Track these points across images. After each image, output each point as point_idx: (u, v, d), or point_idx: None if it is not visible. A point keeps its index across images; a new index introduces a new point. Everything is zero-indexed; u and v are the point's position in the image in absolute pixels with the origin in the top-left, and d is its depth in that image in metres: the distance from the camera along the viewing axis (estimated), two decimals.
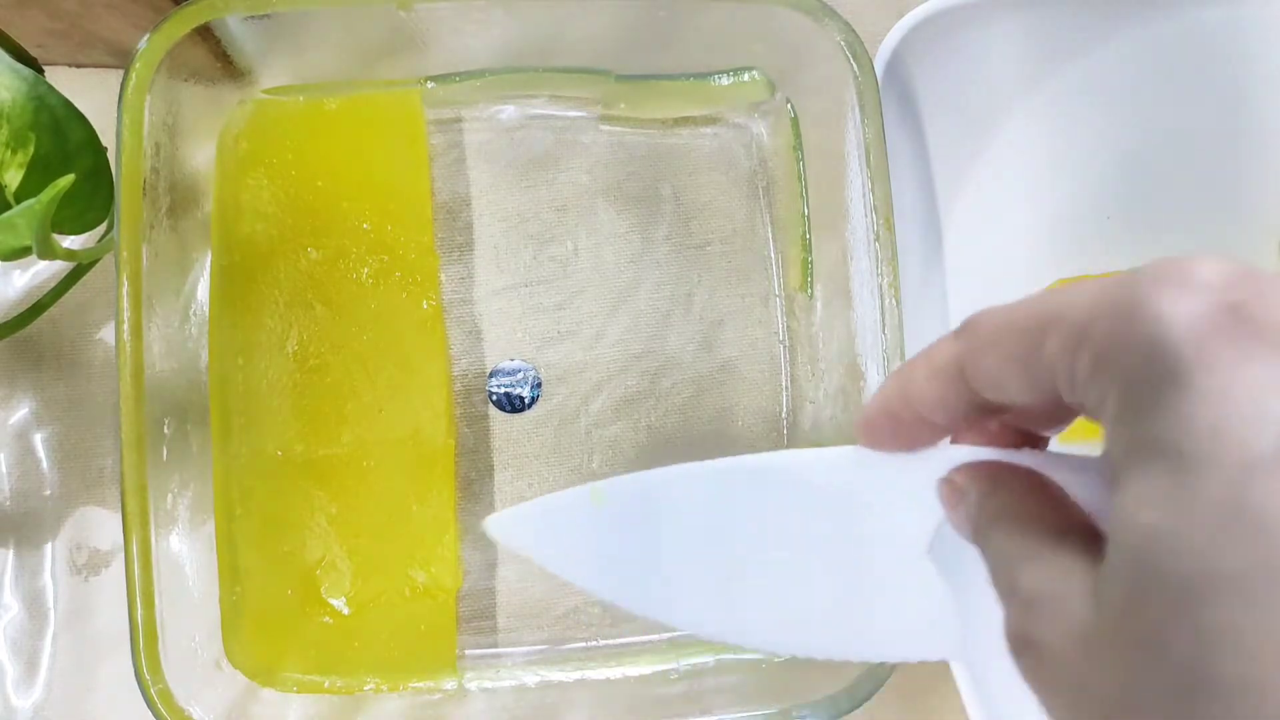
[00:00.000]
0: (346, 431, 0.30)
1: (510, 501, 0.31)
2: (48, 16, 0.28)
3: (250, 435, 0.30)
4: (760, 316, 0.32)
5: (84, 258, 0.28)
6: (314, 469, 0.30)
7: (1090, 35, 0.33)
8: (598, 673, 0.30)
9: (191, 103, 0.28)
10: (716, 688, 0.30)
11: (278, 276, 0.30)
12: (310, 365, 0.30)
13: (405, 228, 0.31)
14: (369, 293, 0.31)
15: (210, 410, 0.29)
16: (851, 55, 0.28)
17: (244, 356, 0.30)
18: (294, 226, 0.30)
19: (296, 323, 0.30)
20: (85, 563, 0.31)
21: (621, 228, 0.32)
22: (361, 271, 0.31)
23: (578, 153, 0.32)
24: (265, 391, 0.30)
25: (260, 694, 0.28)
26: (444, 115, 0.32)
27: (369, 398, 0.30)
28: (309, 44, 0.29)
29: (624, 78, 0.31)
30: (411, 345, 0.31)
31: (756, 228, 0.33)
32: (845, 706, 0.27)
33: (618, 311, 0.32)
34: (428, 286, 0.31)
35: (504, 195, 0.32)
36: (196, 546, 0.28)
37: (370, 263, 0.31)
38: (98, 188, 0.27)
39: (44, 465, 0.31)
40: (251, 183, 0.30)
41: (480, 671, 0.30)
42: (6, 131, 0.26)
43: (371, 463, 0.30)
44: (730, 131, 0.33)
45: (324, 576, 0.29)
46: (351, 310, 0.30)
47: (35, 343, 0.31)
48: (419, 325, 0.31)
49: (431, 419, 0.30)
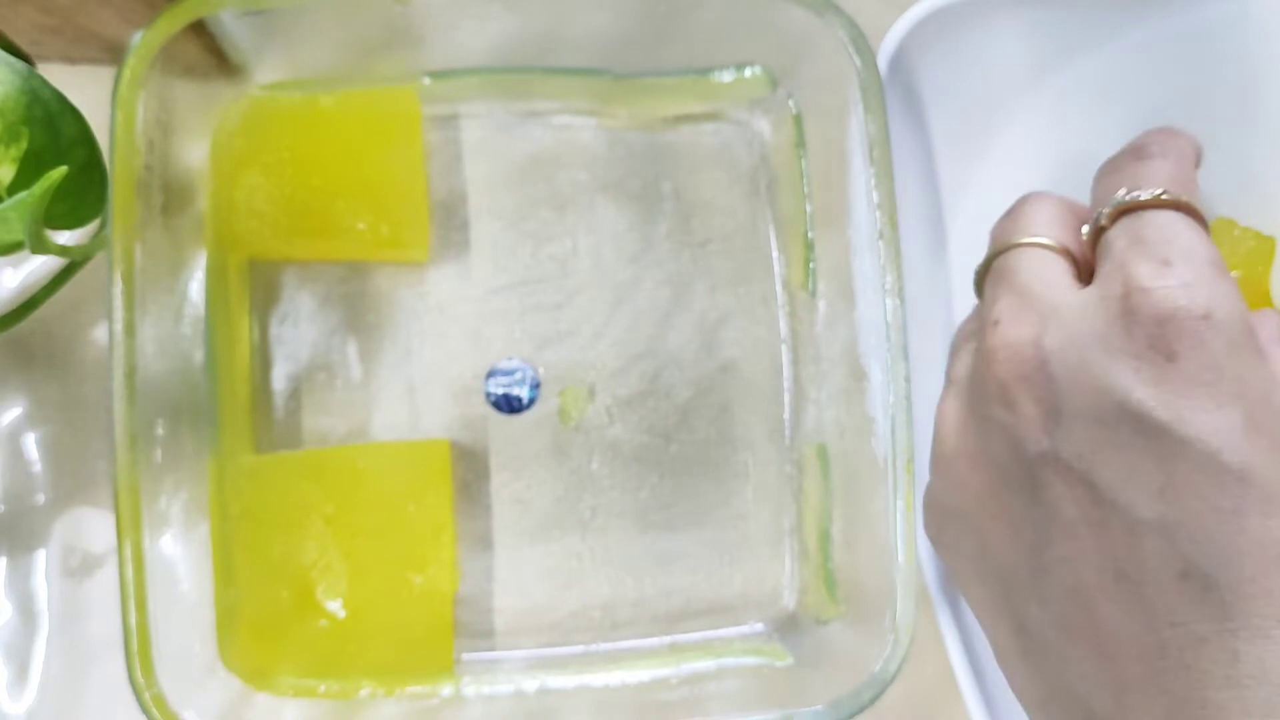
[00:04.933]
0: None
1: (509, 503, 0.31)
2: (40, 12, 0.28)
3: (245, 436, 0.30)
4: (762, 315, 0.32)
5: (77, 254, 0.28)
6: (310, 470, 0.29)
7: (1096, 30, 0.33)
8: (597, 678, 0.30)
9: (185, 99, 0.28)
10: (717, 693, 0.29)
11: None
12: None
13: (401, 227, 0.30)
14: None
15: (205, 411, 0.29)
16: (855, 50, 0.27)
17: (239, 356, 0.30)
18: (288, 225, 0.30)
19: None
20: (78, 566, 0.31)
21: (621, 226, 0.32)
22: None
23: (576, 150, 0.32)
24: (260, 391, 0.30)
25: (255, 698, 0.28)
26: (441, 112, 0.32)
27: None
28: (304, 40, 0.29)
29: (623, 75, 0.31)
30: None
31: (758, 225, 0.32)
32: (847, 712, 0.26)
33: (617, 310, 0.32)
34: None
35: (502, 193, 0.32)
36: (190, 549, 0.28)
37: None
38: (91, 182, 0.27)
39: (36, 467, 0.31)
40: (246, 180, 0.30)
41: (478, 676, 0.30)
42: (0, 126, 0.25)
43: (368, 463, 0.29)
44: (731, 128, 0.33)
45: (319, 579, 0.29)
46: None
47: (27, 342, 0.31)
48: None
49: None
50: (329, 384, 0.31)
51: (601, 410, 0.31)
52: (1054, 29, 0.32)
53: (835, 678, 0.27)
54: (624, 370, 0.32)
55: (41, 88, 0.26)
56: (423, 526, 0.29)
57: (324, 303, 0.31)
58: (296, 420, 0.31)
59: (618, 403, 0.31)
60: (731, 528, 0.32)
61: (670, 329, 0.32)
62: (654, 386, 0.32)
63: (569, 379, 0.31)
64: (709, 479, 0.32)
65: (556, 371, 0.31)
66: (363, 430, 0.31)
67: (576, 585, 0.31)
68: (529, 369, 0.31)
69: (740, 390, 0.32)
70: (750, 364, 0.32)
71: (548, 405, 0.31)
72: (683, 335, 0.32)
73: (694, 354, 0.32)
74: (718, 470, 0.32)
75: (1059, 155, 0.33)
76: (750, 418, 0.32)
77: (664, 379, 0.32)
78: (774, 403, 0.32)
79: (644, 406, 0.32)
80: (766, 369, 0.32)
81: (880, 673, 0.26)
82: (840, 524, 0.30)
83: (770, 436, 0.32)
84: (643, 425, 0.32)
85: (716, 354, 0.32)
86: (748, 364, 0.32)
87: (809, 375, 0.32)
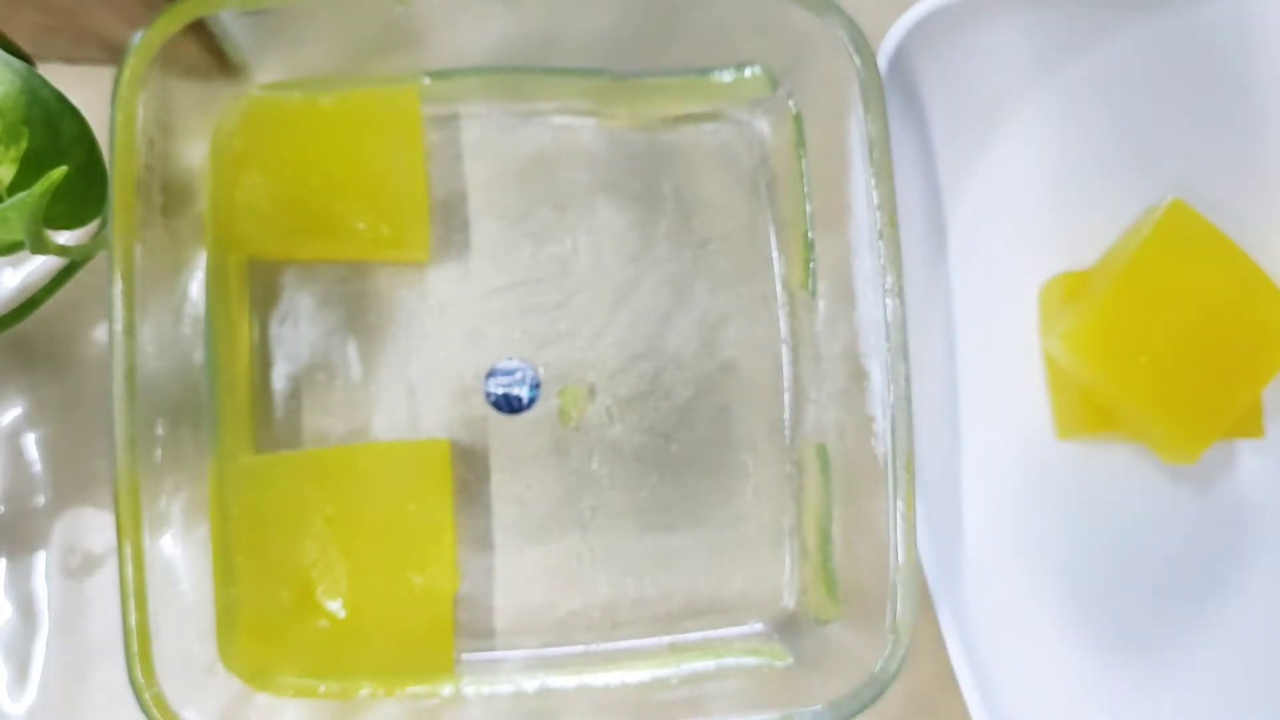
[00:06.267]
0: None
1: (509, 503, 0.31)
2: (41, 12, 0.28)
3: (245, 436, 0.30)
4: (762, 315, 0.32)
5: (77, 254, 0.28)
6: (309, 470, 0.29)
7: (1096, 30, 0.33)
8: (597, 678, 0.30)
9: (185, 99, 0.28)
10: (717, 693, 0.29)
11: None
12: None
13: (401, 227, 0.30)
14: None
15: (205, 411, 0.29)
16: (855, 50, 0.27)
17: (239, 356, 0.30)
18: (289, 225, 0.30)
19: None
20: (78, 566, 0.31)
21: (621, 226, 0.32)
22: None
23: (577, 150, 0.32)
24: (260, 391, 0.30)
25: (255, 698, 0.28)
26: (441, 112, 0.32)
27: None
28: (305, 39, 0.29)
29: (623, 75, 0.31)
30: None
31: (758, 225, 0.32)
32: (847, 712, 0.26)
33: (617, 310, 0.32)
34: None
35: (502, 193, 0.32)
36: (190, 549, 0.28)
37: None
38: (91, 182, 0.27)
39: (36, 467, 0.31)
40: (246, 180, 0.30)
41: (477, 676, 0.30)
42: (0, 126, 0.25)
43: (368, 463, 0.29)
44: (731, 128, 0.33)
45: (319, 579, 0.29)
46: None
47: (27, 343, 0.31)
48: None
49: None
50: (329, 384, 0.31)
51: (601, 410, 0.31)
52: (1053, 29, 0.32)
53: (835, 678, 0.27)
54: (624, 370, 0.32)
55: (41, 87, 0.26)
56: (423, 526, 0.29)
57: (324, 303, 0.31)
58: (296, 420, 0.31)
59: (618, 402, 0.32)
60: (731, 528, 0.32)
61: (670, 329, 0.32)
62: (654, 386, 0.32)
63: (569, 379, 0.31)
64: (709, 479, 0.32)
65: (556, 371, 0.31)
66: (363, 430, 0.31)
67: (576, 585, 0.31)
68: (529, 369, 0.31)
69: (740, 390, 0.32)
70: (750, 364, 0.32)
71: (548, 405, 0.31)
72: (683, 335, 0.32)
73: (694, 354, 0.32)
74: (718, 470, 0.32)
75: (1058, 155, 0.33)
76: (750, 418, 0.32)
77: (664, 379, 0.32)
78: (774, 403, 0.32)
79: (644, 406, 0.32)
80: (766, 369, 0.32)
81: (880, 672, 0.26)
82: (840, 524, 0.30)
83: (770, 436, 0.32)
84: (643, 425, 0.32)
85: (716, 354, 0.32)
86: (748, 364, 0.32)
87: (809, 375, 0.32)
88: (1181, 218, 0.32)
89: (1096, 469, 0.33)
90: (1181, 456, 0.32)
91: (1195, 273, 0.32)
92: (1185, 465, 0.33)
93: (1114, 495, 0.33)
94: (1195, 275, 0.32)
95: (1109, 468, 0.33)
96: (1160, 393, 0.31)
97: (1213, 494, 0.34)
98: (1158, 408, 0.31)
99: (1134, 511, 0.33)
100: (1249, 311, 0.32)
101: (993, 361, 0.33)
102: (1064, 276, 0.33)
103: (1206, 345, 0.31)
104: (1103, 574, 0.33)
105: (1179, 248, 0.32)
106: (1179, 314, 0.31)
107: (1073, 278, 0.33)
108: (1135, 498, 0.33)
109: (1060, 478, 0.33)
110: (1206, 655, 0.32)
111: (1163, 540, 0.33)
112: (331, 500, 0.29)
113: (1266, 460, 0.34)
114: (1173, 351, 0.31)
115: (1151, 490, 0.33)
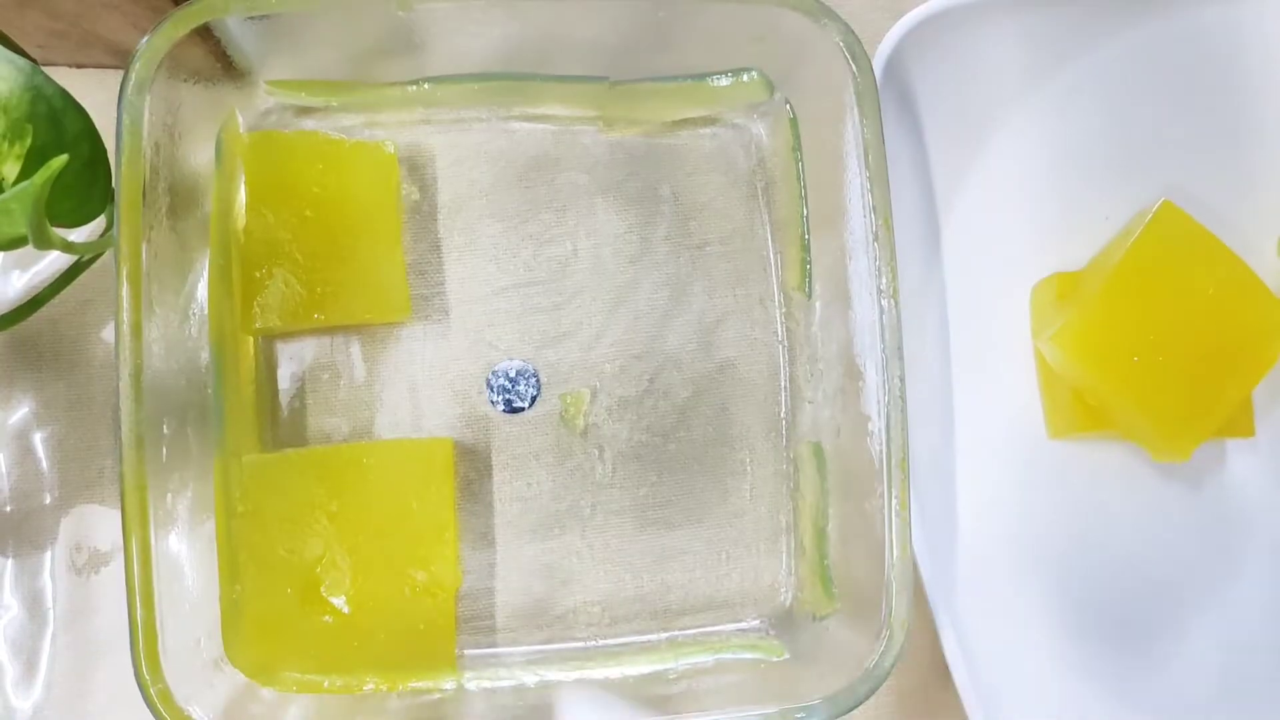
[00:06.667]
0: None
1: (510, 501, 0.31)
2: (47, 16, 0.28)
3: (251, 434, 0.30)
4: (759, 317, 0.32)
5: (82, 251, 0.28)
6: (314, 467, 0.30)
7: (1089, 35, 0.33)
8: (597, 672, 0.30)
9: (191, 103, 0.28)
10: (714, 688, 0.30)
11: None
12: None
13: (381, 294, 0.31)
14: None
15: (210, 410, 0.29)
16: (850, 56, 0.28)
17: (244, 355, 0.30)
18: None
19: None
20: (85, 563, 0.31)
21: (620, 228, 0.32)
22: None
23: (577, 153, 0.32)
24: (265, 390, 0.30)
25: (260, 693, 0.28)
26: (443, 116, 0.32)
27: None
28: (309, 44, 0.29)
29: (622, 81, 0.31)
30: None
31: (755, 228, 0.33)
32: (843, 706, 0.27)
33: (617, 312, 0.32)
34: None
35: (503, 196, 0.32)
36: (196, 546, 0.28)
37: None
38: (95, 178, 0.27)
39: (43, 465, 0.31)
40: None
41: (480, 671, 0.30)
42: (4, 123, 0.25)
43: (371, 461, 0.30)
44: (729, 132, 0.33)
45: (324, 576, 0.29)
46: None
47: (35, 342, 0.31)
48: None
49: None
50: (333, 384, 0.31)
51: (601, 410, 0.32)
52: (1047, 35, 0.32)
53: (831, 672, 0.27)
54: (623, 370, 0.32)
55: (45, 85, 0.25)
56: (425, 523, 0.29)
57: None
58: (301, 419, 0.31)
59: (617, 402, 0.32)
60: (729, 525, 0.32)
61: (669, 330, 0.32)
62: (653, 386, 0.32)
63: (569, 379, 0.32)
64: (707, 477, 0.32)
65: (557, 372, 0.32)
66: (366, 429, 0.31)
67: (576, 581, 0.31)
68: (530, 369, 0.32)
69: (738, 390, 0.32)
70: (747, 364, 0.32)
71: (548, 405, 0.32)
72: (681, 336, 0.32)
73: (692, 354, 0.32)
74: (715, 469, 0.32)
75: (1050, 158, 0.34)
76: (747, 417, 0.32)
77: (663, 379, 0.32)
78: (771, 402, 0.32)
79: (643, 406, 0.32)
80: (763, 369, 0.32)
81: (875, 667, 0.27)
82: (836, 521, 0.30)
83: (767, 435, 0.32)
84: (642, 424, 0.32)
85: (714, 354, 0.32)
86: (745, 364, 0.32)
87: (805, 375, 0.32)
88: (1172, 219, 0.32)
89: (1088, 468, 0.33)
90: (1173, 455, 0.32)
91: (1185, 273, 0.32)
92: (1176, 464, 0.33)
93: (1106, 493, 0.33)
94: (1185, 276, 0.32)
95: (1101, 466, 0.33)
96: (1151, 392, 0.31)
97: (1204, 492, 0.34)
98: (1149, 407, 0.31)
99: (1125, 509, 0.33)
100: (1239, 311, 0.32)
101: (985, 362, 0.33)
102: (1055, 277, 0.33)
103: (1197, 345, 0.32)
104: (1094, 571, 0.33)
105: (1169, 249, 0.32)
106: (1169, 314, 0.32)
107: (1064, 278, 0.33)
108: (1127, 496, 0.33)
109: (1052, 476, 0.33)
110: (1197, 650, 0.33)
111: (1154, 537, 0.33)
112: (336, 498, 0.29)
113: (1257, 459, 0.34)
114: (1163, 351, 0.31)
115: (1143, 489, 0.34)
